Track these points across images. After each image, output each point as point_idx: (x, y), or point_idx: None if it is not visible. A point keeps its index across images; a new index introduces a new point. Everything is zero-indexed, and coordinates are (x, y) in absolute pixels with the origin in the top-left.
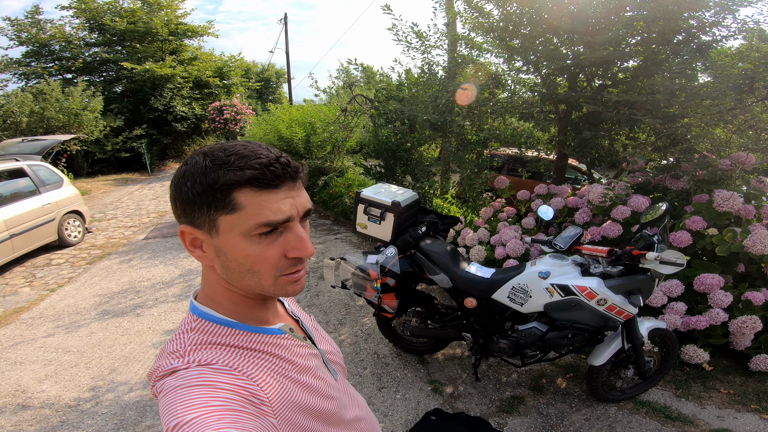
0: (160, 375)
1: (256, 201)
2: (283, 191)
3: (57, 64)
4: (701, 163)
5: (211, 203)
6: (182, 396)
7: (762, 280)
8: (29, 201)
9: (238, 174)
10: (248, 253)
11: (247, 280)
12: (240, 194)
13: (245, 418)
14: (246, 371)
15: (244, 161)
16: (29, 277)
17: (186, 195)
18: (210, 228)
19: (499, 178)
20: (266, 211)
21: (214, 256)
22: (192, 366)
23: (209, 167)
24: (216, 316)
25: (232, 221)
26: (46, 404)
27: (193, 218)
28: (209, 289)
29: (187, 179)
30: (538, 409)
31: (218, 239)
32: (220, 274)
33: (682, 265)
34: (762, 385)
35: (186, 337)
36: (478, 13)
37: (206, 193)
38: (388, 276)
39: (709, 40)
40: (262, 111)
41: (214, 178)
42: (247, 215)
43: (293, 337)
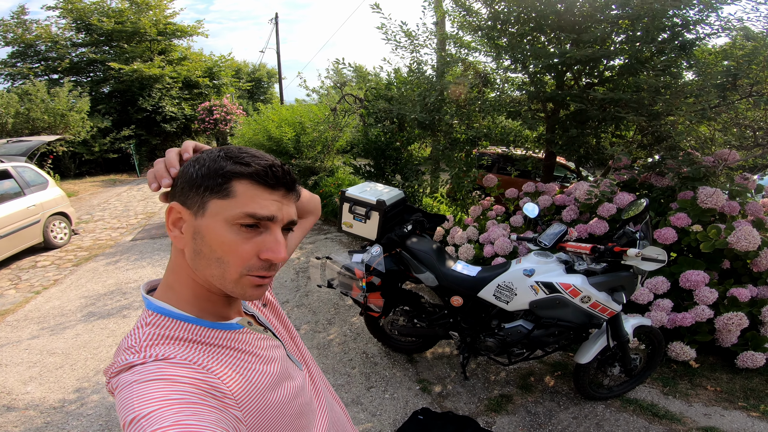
0: (116, 371)
1: (250, 193)
2: (276, 194)
3: (43, 65)
4: (686, 161)
5: (210, 185)
6: (139, 390)
7: (747, 276)
8: (13, 203)
9: (243, 167)
10: (224, 240)
11: (213, 269)
12: (238, 183)
13: (206, 411)
14: (206, 365)
15: (253, 159)
16: (15, 280)
17: (190, 175)
18: (198, 209)
19: (487, 176)
20: (255, 204)
21: (189, 238)
22: (149, 361)
23: (221, 157)
24: (172, 310)
25: (221, 205)
26: (30, 406)
27: (187, 197)
28: (173, 278)
29: (197, 163)
30: (526, 408)
31: (201, 221)
32: (187, 262)
33: (663, 262)
34: (749, 382)
35: (142, 332)
36: (466, 12)
37: (209, 176)
38: (373, 275)
39: (693, 38)
40: (253, 111)
41: (221, 165)
42: (237, 203)
43: (252, 330)
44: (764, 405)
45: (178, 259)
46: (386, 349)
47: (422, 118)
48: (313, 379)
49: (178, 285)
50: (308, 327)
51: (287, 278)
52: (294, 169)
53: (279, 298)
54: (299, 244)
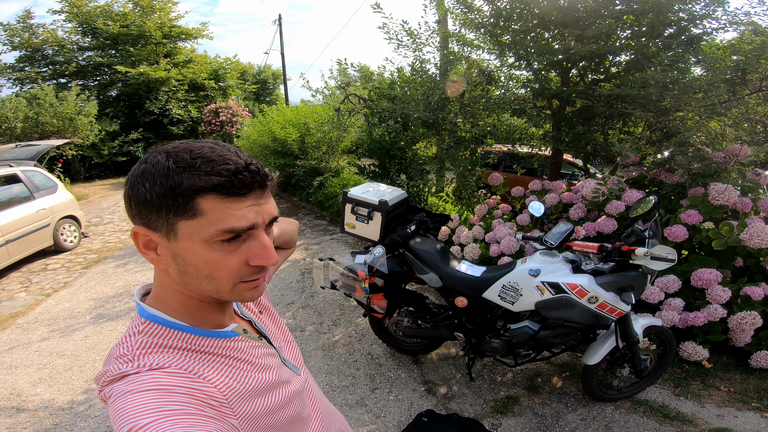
0: (108, 380)
1: (220, 208)
2: (250, 199)
3: (50, 69)
4: (696, 157)
5: (171, 207)
6: (134, 401)
7: (761, 274)
8: (24, 207)
9: (203, 179)
10: (208, 260)
11: (204, 286)
12: (203, 200)
13: (204, 422)
14: (201, 374)
15: (211, 166)
16: (25, 282)
17: (143, 196)
18: (168, 232)
19: (493, 174)
20: (229, 218)
21: (170, 260)
22: (143, 370)
23: (172, 169)
24: (166, 319)
25: (192, 227)
26: (40, 407)
27: (149, 220)
28: (161, 291)
29: (146, 179)
30: (533, 409)
31: (176, 244)
32: (174, 278)
33: (673, 261)
34: (763, 382)
35: (134, 340)
36: (468, 9)
37: (166, 196)
38: (376, 276)
39: (700, 33)
40: (258, 113)
41: (176, 181)
42: (209, 221)
43: (247, 338)
44: None
45: (162, 277)
46: (391, 351)
47: (426, 117)
48: (307, 384)
49: (167, 298)
50: (313, 328)
51: (293, 279)
52: (299, 170)
53: (284, 300)
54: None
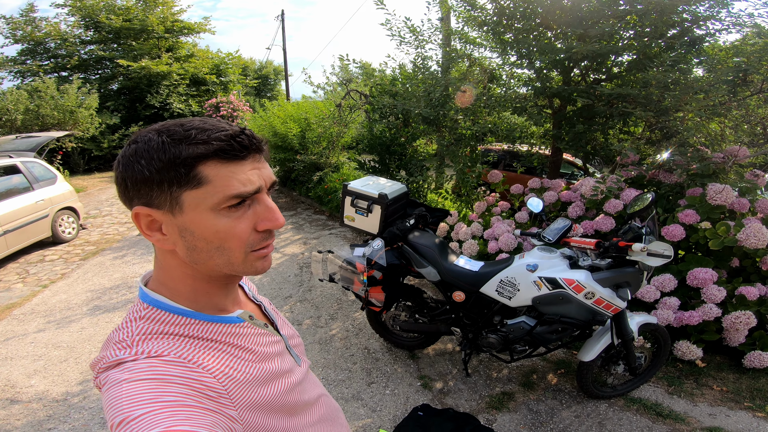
0: (105, 366)
1: (224, 173)
2: (249, 162)
3: (53, 62)
4: (695, 157)
5: (174, 179)
6: (129, 390)
7: (757, 274)
8: (22, 197)
9: (201, 147)
10: (218, 229)
11: (216, 258)
12: (206, 167)
13: (200, 414)
14: (201, 363)
15: (207, 134)
16: (23, 273)
17: (141, 173)
18: (172, 206)
19: (492, 172)
20: (235, 182)
21: (177, 237)
22: (141, 358)
23: (168, 142)
24: (169, 304)
25: (198, 196)
26: (34, 399)
27: (150, 198)
28: (165, 276)
29: (141, 157)
30: (527, 406)
31: (183, 217)
32: (182, 258)
33: (670, 257)
34: (756, 382)
35: (134, 326)
36: (471, 7)
37: (167, 169)
38: (374, 269)
39: (703, 34)
40: (259, 108)
41: (175, 152)
42: (215, 188)
43: (253, 324)
44: None
45: (167, 259)
46: (388, 345)
47: (427, 114)
48: (308, 374)
49: (172, 282)
50: (311, 322)
51: (291, 273)
52: (299, 164)
53: (282, 293)
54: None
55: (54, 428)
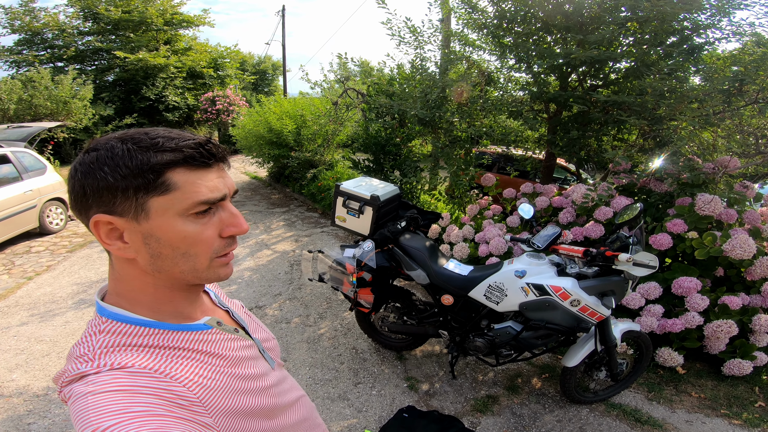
0: (68, 380)
1: (192, 179)
2: (214, 171)
3: (49, 53)
4: (686, 166)
5: (140, 186)
6: (95, 402)
7: (741, 284)
8: (11, 187)
9: (170, 154)
10: (186, 235)
11: (181, 265)
12: (174, 174)
13: (173, 423)
14: (169, 372)
15: (175, 142)
16: (8, 265)
17: (103, 181)
18: (137, 213)
19: (486, 175)
20: (203, 188)
21: (140, 244)
22: (103, 370)
23: (134, 149)
24: (128, 315)
25: (165, 202)
26: (15, 393)
27: (113, 205)
28: (123, 287)
29: (104, 164)
30: (511, 409)
31: (148, 224)
32: (142, 267)
33: (655, 268)
34: (734, 389)
35: (95, 339)
36: (472, 10)
37: (134, 176)
38: (364, 270)
39: (702, 43)
40: (255, 103)
41: (143, 159)
42: (184, 194)
43: (222, 330)
44: (747, 413)
45: (125, 269)
46: (376, 346)
47: (423, 115)
48: (284, 377)
49: (131, 293)
50: (299, 320)
51: (281, 270)
52: (293, 161)
53: (272, 291)
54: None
55: (34, 423)
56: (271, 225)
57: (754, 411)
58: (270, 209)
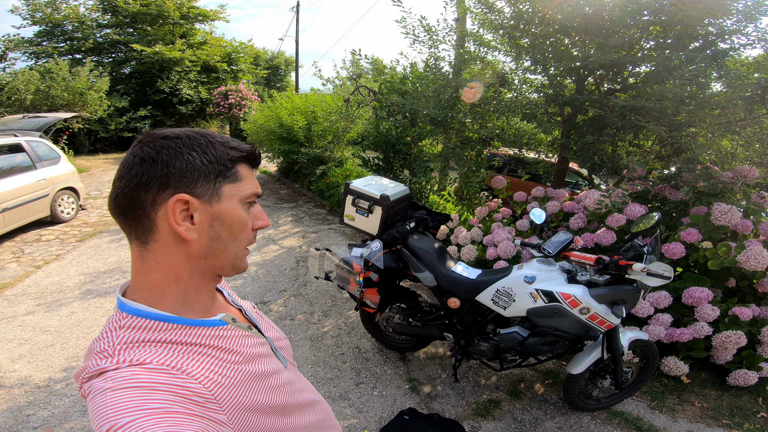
0: (87, 376)
1: (248, 175)
2: (254, 172)
3: (68, 45)
4: (703, 175)
5: (220, 172)
6: (113, 399)
7: (752, 295)
8: (24, 176)
9: (239, 152)
10: (242, 219)
11: (230, 249)
12: (240, 167)
13: (188, 420)
14: (185, 369)
15: (237, 143)
16: (18, 253)
17: (192, 163)
18: (212, 196)
19: (496, 177)
20: (253, 183)
21: (206, 226)
22: (123, 366)
23: (213, 142)
24: (149, 311)
25: (234, 189)
26: (17, 384)
27: (195, 186)
28: (158, 276)
29: (191, 149)
30: (513, 415)
31: (219, 206)
32: (195, 251)
33: (669, 278)
34: (737, 400)
35: (114, 335)
36: (489, 10)
37: (217, 163)
38: (371, 270)
39: (727, 48)
40: (267, 98)
41: (223, 150)
42: (245, 185)
43: (237, 327)
44: (749, 423)
45: (169, 255)
46: (379, 346)
47: (435, 115)
48: (298, 375)
49: (165, 281)
50: (303, 317)
51: (287, 266)
52: (303, 157)
53: (277, 287)
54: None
55: (33, 414)
56: (279, 220)
57: (755, 422)
58: (278, 204)
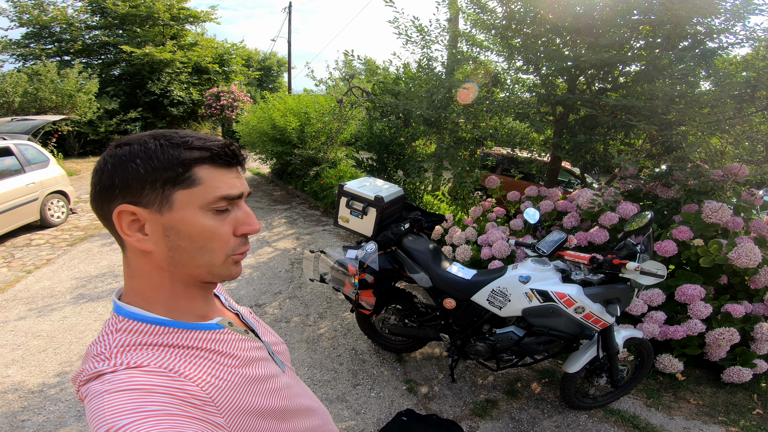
0: (85, 379)
1: (215, 176)
2: (234, 172)
3: (56, 46)
4: (693, 173)
5: (169, 178)
6: (111, 401)
7: (744, 292)
8: (13, 180)
9: (198, 152)
10: (205, 228)
11: (198, 259)
12: (200, 170)
13: (185, 423)
14: (183, 371)
15: (202, 142)
16: (8, 258)
17: (135, 172)
18: (161, 205)
19: (490, 177)
20: (223, 185)
21: (160, 236)
22: (120, 369)
23: (166, 145)
24: (145, 315)
25: (189, 195)
26: (10, 389)
27: (140, 196)
28: (140, 284)
29: (136, 157)
30: (510, 414)
31: (171, 215)
32: (158, 262)
33: (663, 277)
34: (732, 397)
35: (111, 338)
36: (481, 10)
37: (164, 169)
38: (366, 272)
39: (715, 47)
40: (260, 99)
41: (174, 154)
42: (206, 189)
43: (233, 331)
44: (745, 420)
45: (140, 264)
46: (376, 347)
47: (428, 115)
48: (295, 379)
49: (147, 290)
50: (299, 320)
51: (281, 269)
52: (296, 158)
53: (272, 289)
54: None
55: (28, 420)
56: (273, 222)
57: (751, 418)
58: (272, 206)
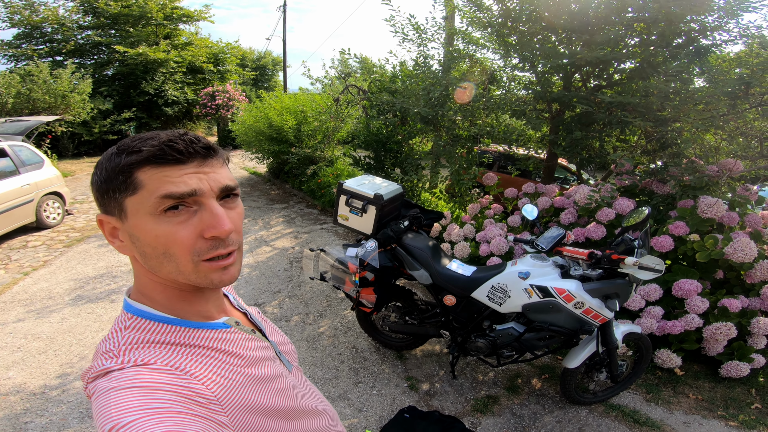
0: (93, 376)
1: (157, 176)
2: (190, 167)
3: (48, 47)
4: (689, 169)
5: (116, 187)
6: (117, 398)
7: (740, 287)
8: (8, 181)
9: (133, 156)
10: (158, 234)
11: (165, 266)
12: (141, 173)
13: (190, 420)
14: (188, 370)
15: (144, 143)
16: (4, 260)
17: (96, 183)
18: (120, 213)
19: (487, 174)
20: (167, 184)
21: (129, 243)
22: (127, 366)
23: (114, 153)
24: (152, 313)
25: (136, 201)
26: (11, 391)
27: (106, 206)
28: (140, 284)
29: (98, 167)
30: (511, 410)
31: (128, 223)
32: (142, 265)
33: (661, 272)
34: (730, 391)
35: (120, 335)
36: (477, 8)
37: (111, 178)
38: (367, 270)
39: (709, 44)
40: (255, 98)
41: (117, 162)
42: (149, 191)
43: (240, 330)
44: (743, 415)
45: (135, 267)
46: (376, 345)
47: (425, 113)
48: (303, 379)
49: (148, 290)
50: (299, 318)
51: (280, 268)
52: (293, 157)
53: (271, 288)
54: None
55: (31, 422)
56: (270, 221)
57: (750, 413)
58: (269, 205)
